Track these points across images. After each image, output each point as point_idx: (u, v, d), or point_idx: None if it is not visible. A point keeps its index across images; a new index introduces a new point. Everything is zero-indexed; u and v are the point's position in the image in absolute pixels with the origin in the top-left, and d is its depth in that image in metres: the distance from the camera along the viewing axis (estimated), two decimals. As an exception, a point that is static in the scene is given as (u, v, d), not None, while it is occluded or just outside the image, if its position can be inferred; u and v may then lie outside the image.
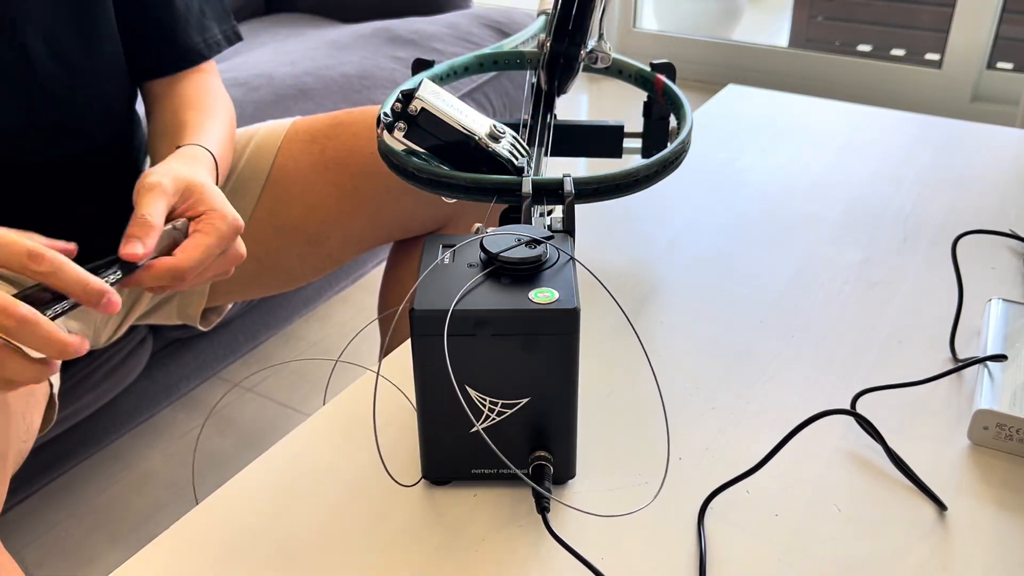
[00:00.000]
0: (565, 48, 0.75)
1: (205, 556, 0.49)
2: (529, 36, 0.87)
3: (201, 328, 0.98)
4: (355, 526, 0.51)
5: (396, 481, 0.53)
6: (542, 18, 0.81)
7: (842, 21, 2.86)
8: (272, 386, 1.51)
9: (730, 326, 0.69)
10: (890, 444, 0.55)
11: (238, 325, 1.34)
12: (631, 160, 0.78)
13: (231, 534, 0.50)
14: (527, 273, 0.49)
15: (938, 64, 2.40)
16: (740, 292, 0.73)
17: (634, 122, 0.88)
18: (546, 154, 0.75)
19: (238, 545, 0.50)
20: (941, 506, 0.52)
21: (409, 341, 0.59)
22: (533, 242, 0.50)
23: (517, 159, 0.65)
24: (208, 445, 1.38)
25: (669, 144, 0.71)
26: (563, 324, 0.47)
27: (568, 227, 0.60)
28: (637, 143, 0.88)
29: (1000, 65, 2.37)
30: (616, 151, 0.87)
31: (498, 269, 0.49)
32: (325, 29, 1.77)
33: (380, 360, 0.64)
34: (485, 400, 0.49)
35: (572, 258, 0.51)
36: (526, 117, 0.79)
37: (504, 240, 0.51)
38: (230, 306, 1.04)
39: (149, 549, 0.50)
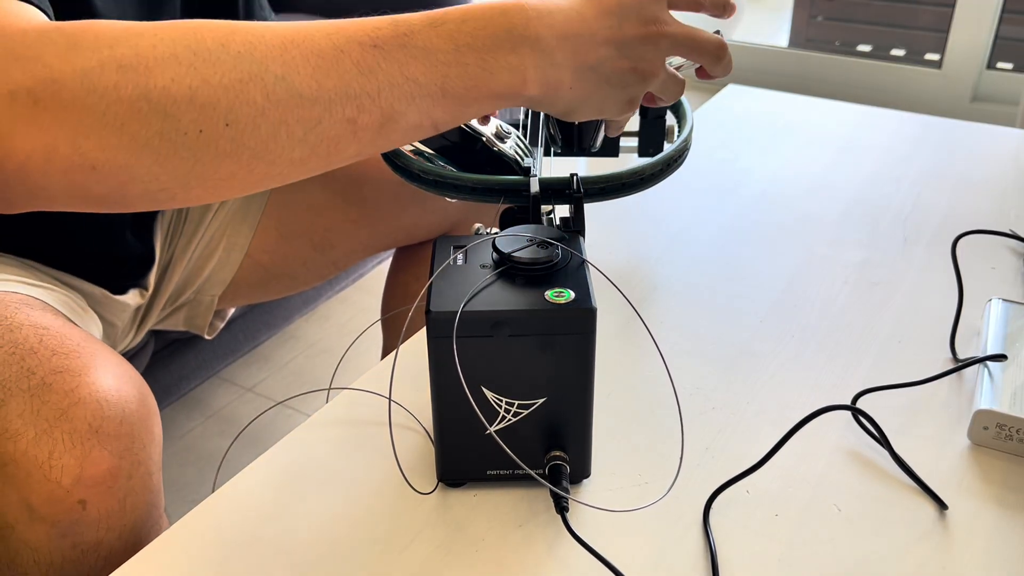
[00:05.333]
0: None
1: (205, 556, 0.49)
2: None
3: (207, 337, 0.98)
4: (359, 526, 0.51)
5: (414, 489, 0.53)
6: None
7: (842, 21, 2.86)
8: (272, 386, 1.51)
9: (730, 326, 0.69)
10: (890, 443, 0.55)
11: (238, 325, 1.34)
12: (628, 159, 0.78)
13: (231, 534, 0.50)
14: (541, 273, 0.49)
15: (938, 64, 2.40)
16: (740, 292, 0.73)
17: (633, 121, 0.87)
18: (546, 154, 0.75)
19: (238, 545, 0.50)
20: (942, 505, 0.52)
21: (396, 353, 0.60)
22: (545, 242, 0.50)
23: (523, 159, 0.65)
24: (208, 445, 1.38)
25: (668, 143, 0.71)
26: (581, 324, 0.47)
27: (578, 226, 0.60)
28: (634, 142, 0.88)
29: (1000, 65, 2.37)
30: (613, 150, 0.87)
31: (511, 269, 0.49)
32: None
33: (382, 357, 0.64)
34: (501, 401, 0.49)
35: (584, 260, 0.51)
36: (521, 117, 0.79)
37: (516, 240, 0.50)
38: (232, 311, 1.04)
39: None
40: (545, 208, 0.64)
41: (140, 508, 0.55)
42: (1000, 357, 0.60)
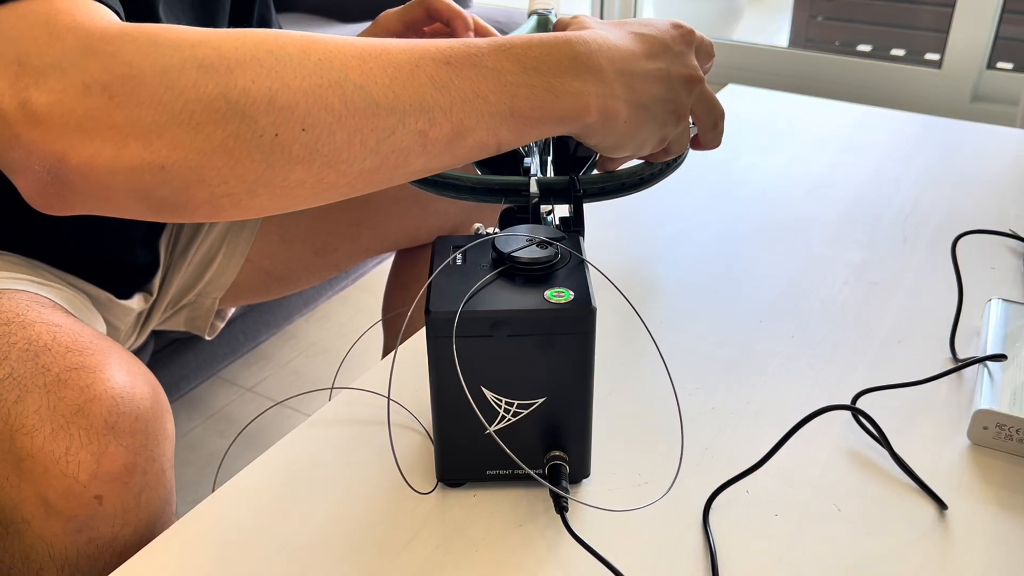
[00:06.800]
0: None
1: (205, 556, 0.49)
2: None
3: (207, 337, 0.98)
4: (358, 526, 0.51)
5: (413, 489, 0.53)
6: (533, 18, 0.81)
7: (842, 21, 2.86)
8: (272, 386, 1.51)
9: (730, 326, 0.69)
10: (890, 443, 0.55)
11: (238, 325, 1.34)
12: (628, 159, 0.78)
13: (231, 534, 0.50)
14: (541, 273, 0.49)
15: (938, 64, 2.40)
16: (740, 292, 0.73)
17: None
18: (547, 155, 0.75)
19: (238, 545, 0.50)
20: (942, 505, 0.52)
21: (395, 353, 0.60)
22: (544, 242, 0.50)
23: (524, 159, 0.65)
24: (208, 445, 1.38)
25: None
26: (580, 324, 0.47)
27: (578, 226, 0.60)
28: None
29: (1000, 65, 2.37)
30: None
31: (511, 269, 0.49)
32: (325, 29, 1.77)
33: (383, 357, 0.64)
34: (501, 401, 0.49)
35: (584, 260, 0.51)
36: None
37: (516, 240, 0.50)
38: (232, 310, 1.04)
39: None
40: (545, 208, 0.64)
41: (154, 504, 0.55)
42: (1000, 357, 0.60)
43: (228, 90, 0.42)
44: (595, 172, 0.68)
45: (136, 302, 0.84)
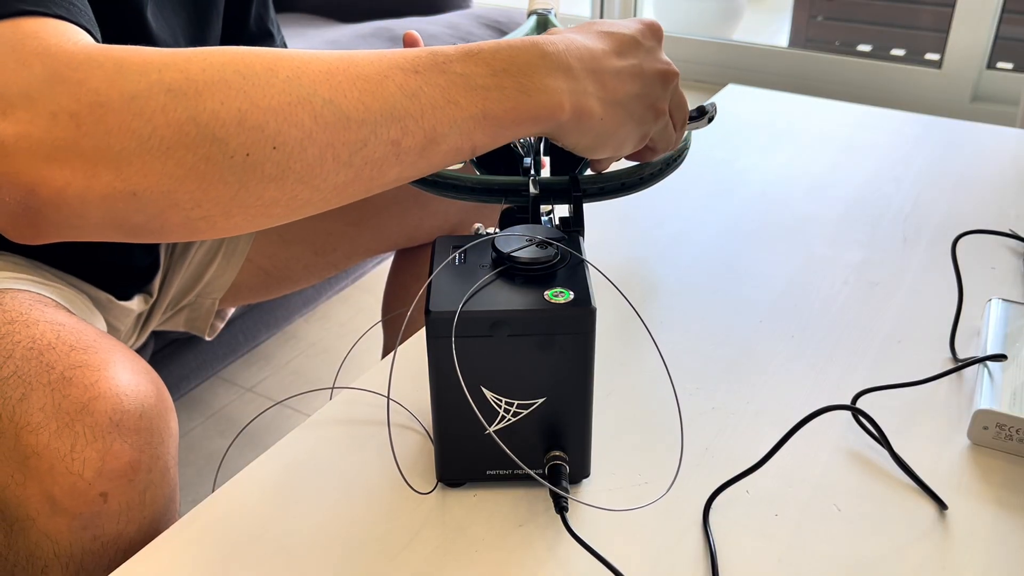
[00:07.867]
0: None
1: (204, 556, 0.49)
2: (521, 36, 0.87)
3: (207, 338, 0.98)
4: (358, 526, 0.51)
5: (413, 489, 0.53)
6: (533, 18, 0.81)
7: (842, 21, 2.87)
8: (272, 386, 1.51)
9: (730, 326, 0.69)
10: (890, 443, 0.55)
11: (238, 325, 1.34)
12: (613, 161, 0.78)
13: (231, 534, 0.50)
14: (541, 273, 0.49)
15: (938, 64, 2.40)
16: (740, 292, 0.73)
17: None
18: (546, 154, 0.75)
19: (238, 545, 0.50)
20: (942, 505, 0.52)
21: (394, 353, 0.59)
22: (544, 242, 0.50)
23: (524, 159, 0.65)
24: (208, 445, 1.38)
25: None
26: (580, 324, 0.47)
27: (577, 226, 0.60)
28: None
29: (1000, 65, 2.37)
30: None
31: (511, 269, 0.49)
32: (325, 29, 1.77)
33: (383, 357, 0.64)
34: (501, 401, 0.49)
35: (584, 260, 0.51)
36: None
37: (516, 240, 0.50)
38: (232, 310, 1.04)
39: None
40: (545, 208, 0.64)
41: (159, 501, 0.56)
42: (1000, 357, 0.60)
43: (197, 114, 0.42)
44: (589, 172, 0.68)
45: (136, 303, 0.84)
